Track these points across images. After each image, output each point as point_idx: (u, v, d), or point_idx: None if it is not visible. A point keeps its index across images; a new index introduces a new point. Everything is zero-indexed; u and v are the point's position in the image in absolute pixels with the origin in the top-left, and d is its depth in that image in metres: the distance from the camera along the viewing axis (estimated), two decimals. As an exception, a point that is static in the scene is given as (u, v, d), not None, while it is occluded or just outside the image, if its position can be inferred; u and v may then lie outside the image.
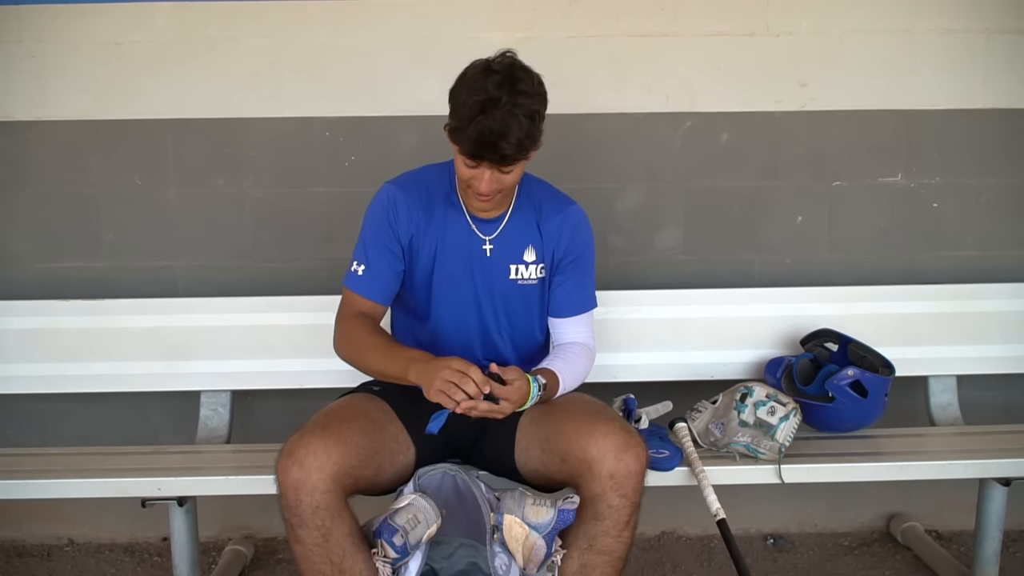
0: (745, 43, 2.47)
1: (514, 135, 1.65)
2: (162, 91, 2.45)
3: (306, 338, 2.38)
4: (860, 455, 2.10)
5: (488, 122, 1.64)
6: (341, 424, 1.72)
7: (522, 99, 1.66)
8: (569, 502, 1.67)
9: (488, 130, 1.64)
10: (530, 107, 1.67)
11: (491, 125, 1.64)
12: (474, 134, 1.65)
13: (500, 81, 1.66)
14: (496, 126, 1.64)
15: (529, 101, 1.67)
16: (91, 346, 2.38)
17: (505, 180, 1.75)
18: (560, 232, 1.94)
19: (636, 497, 1.71)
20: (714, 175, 2.53)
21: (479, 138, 1.65)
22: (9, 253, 2.51)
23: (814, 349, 2.26)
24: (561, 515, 1.65)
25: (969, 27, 2.47)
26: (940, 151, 2.54)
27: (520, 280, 1.93)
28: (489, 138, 1.65)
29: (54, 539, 2.65)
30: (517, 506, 1.65)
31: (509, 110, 1.64)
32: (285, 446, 1.67)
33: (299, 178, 2.50)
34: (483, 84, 1.66)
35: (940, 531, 2.65)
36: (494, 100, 1.64)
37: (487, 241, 1.91)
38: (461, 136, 1.68)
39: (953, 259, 2.56)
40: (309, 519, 1.62)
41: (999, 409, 2.55)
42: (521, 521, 1.64)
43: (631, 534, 1.74)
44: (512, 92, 1.65)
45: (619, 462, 1.68)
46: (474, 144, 1.67)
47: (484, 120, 1.64)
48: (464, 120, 1.66)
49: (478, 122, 1.64)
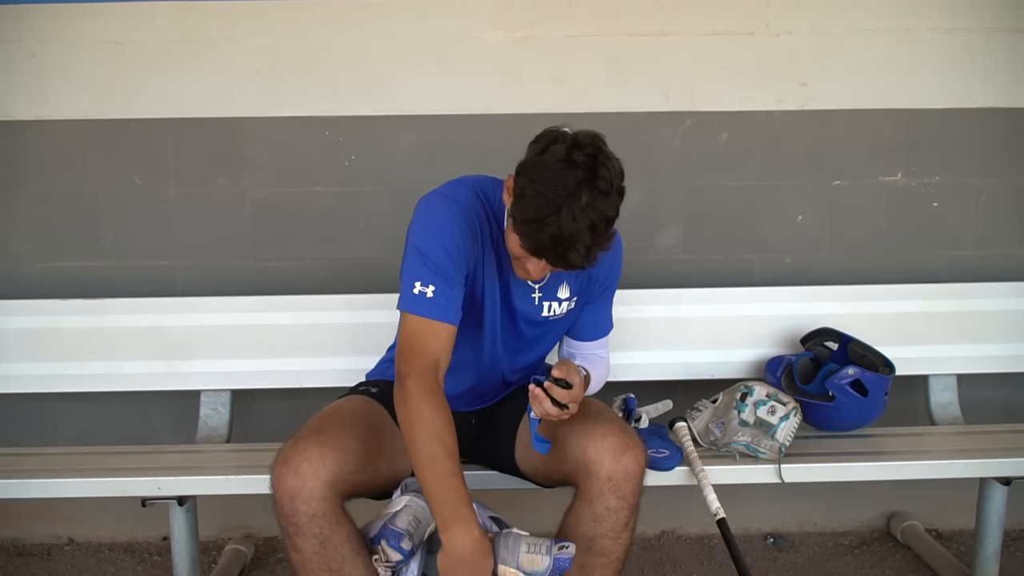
0: (745, 42, 2.47)
1: (584, 243, 1.50)
2: (162, 90, 2.45)
3: (306, 337, 2.38)
4: (860, 454, 2.10)
5: (560, 227, 1.47)
6: (337, 429, 1.69)
7: (601, 202, 1.49)
8: (565, 551, 1.63)
9: (558, 237, 1.49)
10: (607, 212, 1.51)
11: (562, 231, 1.48)
12: (543, 237, 1.50)
13: (582, 178, 1.49)
14: (568, 231, 1.48)
15: (606, 206, 1.51)
16: (91, 345, 2.38)
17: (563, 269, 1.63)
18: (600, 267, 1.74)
19: (634, 499, 1.70)
20: (714, 174, 2.53)
21: (547, 242, 1.50)
22: (9, 252, 2.51)
23: (814, 348, 2.26)
24: (557, 563, 1.61)
25: (969, 26, 2.47)
26: (940, 150, 2.54)
27: (551, 317, 1.86)
28: (557, 245, 1.50)
29: (54, 538, 2.65)
30: (511, 555, 1.61)
31: (585, 214, 1.48)
32: (280, 453, 1.63)
33: (299, 177, 2.50)
34: (562, 178, 1.49)
35: (940, 530, 2.65)
36: (572, 199, 1.47)
37: (536, 290, 1.81)
38: (525, 230, 1.52)
39: (953, 258, 2.56)
40: (306, 527, 1.59)
41: (999, 408, 2.55)
42: (516, 571, 1.61)
43: (630, 535, 1.74)
44: (592, 192, 1.49)
45: (617, 464, 1.67)
46: (539, 247, 1.52)
47: (556, 222, 1.47)
48: (531, 215, 1.50)
49: (547, 224, 1.48)
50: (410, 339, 1.63)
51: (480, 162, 2.48)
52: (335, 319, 2.38)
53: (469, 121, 2.47)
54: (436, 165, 2.49)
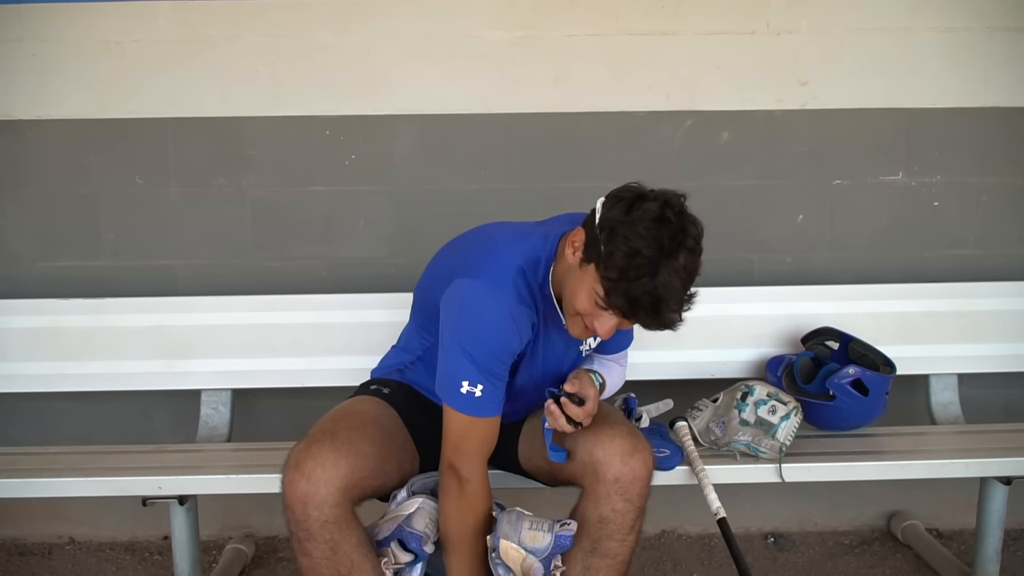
0: (745, 42, 2.47)
1: (676, 300, 1.50)
2: (163, 90, 2.45)
3: (306, 337, 2.38)
4: (861, 454, 2.10)
5: (656, 285, 1.47)
6: (351, 433, 1.67)
7: (692, 262, 1.51)
8: (566, 528, 1.64)
9: (654, 295, 1.48)
10: (695, 271, 1.53)
11: (659, 290, 1.47)
12: (638, 293, 1.48)
13: (674, 235, 1.50)
14: (664, 291, 1.48)
15: (696, 265, 1.53)
16: (92, 345, 2.38)
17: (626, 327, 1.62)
18: None
19: (641, 502, 1.70)
20: (715, 174, 2.53)
21: (642, 299, 1.49)
22: (10, 252, 2.51)
23: (815, 348, 2.26)
24: (558, 540, 1.63)
25: (969, 25, 2.47)
26: (941, 149, 2.54)
27: (585, 351, 1.88)
28: (653, 303, 1.49)
29: (55, 538, 2.65)
30: (513, 530, 1.63)
31: (679, 274, 1.49)
32: (291, 457, 1.61)
33: (299, 177, 2.50)
34: (656, 236, 1.49)
35: (941, 530, 2.65)
36: (668, 259, 1.48)
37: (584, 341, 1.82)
38: (616, 288, 1.50)
39: (954, 257, 2.56)
40: (317, 533, 1.58)
41: (1000, 408, 2.55)
42: (517, 546, 1.62)
43: (635, 538, 1.74)
44: (686, 252, 1.50)
45: (625, 466, 1.67)
46: (632, 304, 1.50)
47: (652, 283, 1.47)
48: (627, 274, 1.48)
49: (643, 283, 1.47)
50: (462, 436, 1.65)
51: (480, 162, 2.50)
52: (335, 318, 2.38)
53: (470, 120, 2.47)
54: (436, 165, 2.50)
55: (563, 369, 1.83)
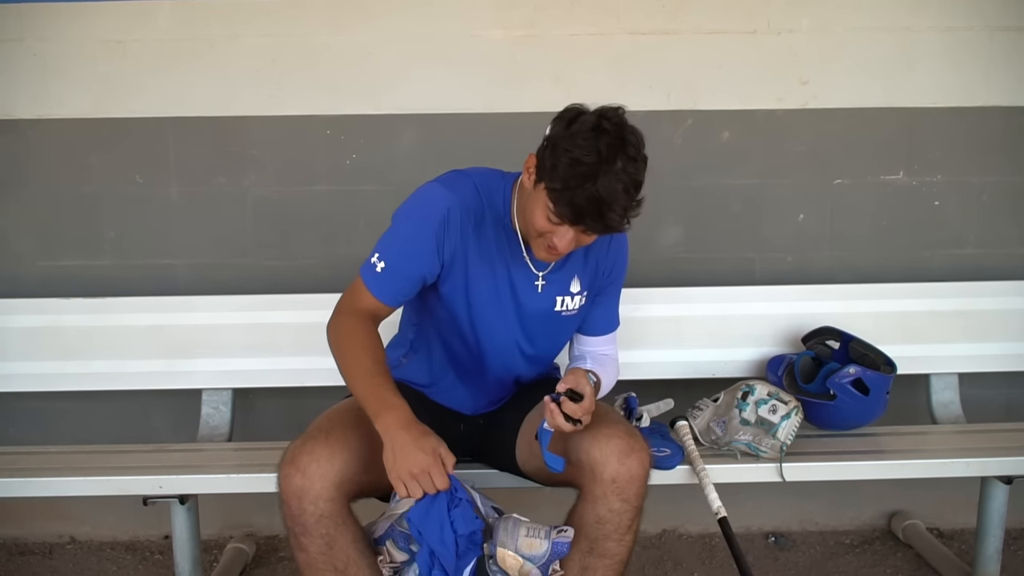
0: (746, 41, 2.47)
1: (621, 204, 1.56)
2: (163, 89, 2.45)
3: (307, 336, 2.36)
4: (861, 453, 2.10)
5: (597, 189, 1.53)
6: (345, 430, 1.68)
7: (632, 166, 1.56)
8: (563, 535, 1.64)
9: (596, 198, 1.53)
10: (637, 176, 1.58)
11: (600, 193, 1.53)
12: (581, 200, 1.54)
13: (611, 143, 1.55)
14: (605, 194, 1.53)
15: (636, 170, 1.58)
16: (92, 344, 2.38)
17: (587, 241, 1.68)
18: (607, 258, 1.88)
19: (638, 501, 1.70)
20: (715, 173, 2.53)
21: (585, 205, 1.55)
22: (11, 251, 2.51)
23: (815, 347, 2.26)
24: (555, 547, 1.62)
25: (970, 24, 2.47)
26: (941, 149, 2.54)
27: (564, 312, 1.87)
28: (597, 207, 1.54)
29: (56, 537, 2.65)
30: (510, 538, 1.61)
31: (619, 177, 1.54)
32: (287, 453, 1.63)
33: (300, 176, 2.50)
34: (594, 144, 1.54)
35: (941, 529, 2.66)
36: (606, 164, 1.53)
37: (540, 277, 1.83)
38: (561, 198, 1.56)
39: (954, 257, 2.56)
40: (313, 528, 1.59)
41: (1001, 407, 2.56)
42: (515, 554, 1.61)
43: (633, 537, 1.73)
44: (624, 157, 1.55)
45: (622, 466, 1.66)
46: (577, 211, 1.56)
47: (593, 187, 1.53)
48: (569, 181, 1.54)
49: (586, 189, 1.53)
50: (349, 294, 1.78)
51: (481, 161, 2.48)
52: (336, 318, 2.38)
53: (470, 120, 2.47)
54: (437, 164, 2.48)
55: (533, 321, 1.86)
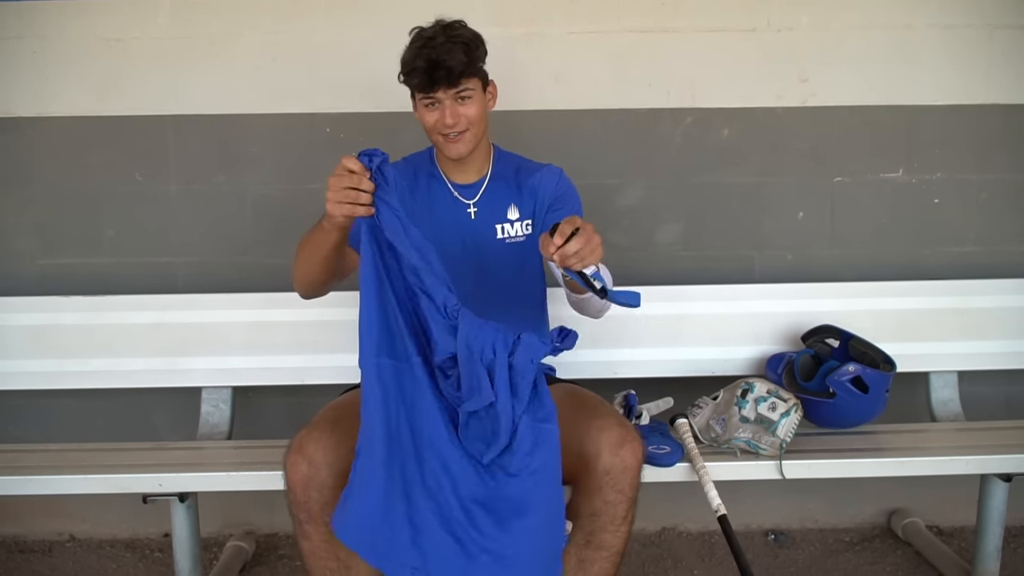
0: (746, 38, 2.47)
1: (456, 55, 1.76)
2: (163, 87, 2.45)
3: (307, 334, 2.38)
4: (861, 451, 2.10)
5: (429, 51, 1.76)
6: (350, 420, 1.69)
7: (456, 32, 1.79)
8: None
9: (431, 55, 1.75)
10: (465, 36, 1.80)
11: (433, 52, 1.76)
12: (421, 63, 1.76)
13: (434, 27, 1.81)
14: (437, 52, 1.76)
15: (462, 33, 1.80)
16: (92, 342, 2.38)
17: (467, 112, 1.83)
18: (541, 185, 1.98)
19: (632, 492, 1.71)
20: (715, 171, 2.53)
21: (426, 64, 1.76)
22: (10, 249, 2.51)
23: (815, 345, 2.26)
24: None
25: (970, 22, 2.47)
26: (941, 147, 2.54)
27: (508, 239, 1.95)
28: (435, 60, 1.75)
29: (55, 535, 2.66)
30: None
31: (446, 40, 1.77)
32: (294, 441, 1.65)
33: (300, 174, 2.50)
34: (418, 33, 1.82)
35: (941, 527, 2.66)
36: (431, 37, 1.78)
37: (471, 205, 1.95)
38: (412, 75, 1.79)
39: (954, 255, 2.56)
40: (318, 515, 1.62)
41: (1000, 405, 2.55)
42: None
43: (628, 528, 1.74)
44: (446, 29, 1.80)
45: (615, 457, 1.67)
46: (423, 73, 1.77)
47: (425, 50, 1.76)
48: (409, 61, 1.79)
49: (421, 53, 1.76)
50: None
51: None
52: (336, 316, 2.37)
53: (470, 118, 2.47)
54: (437, 162, 2.50)
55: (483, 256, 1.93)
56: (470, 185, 1.97)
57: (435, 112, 1.83)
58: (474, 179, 1.97)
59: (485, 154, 1.98)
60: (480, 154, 1.96)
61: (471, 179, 1.97)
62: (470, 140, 1.88)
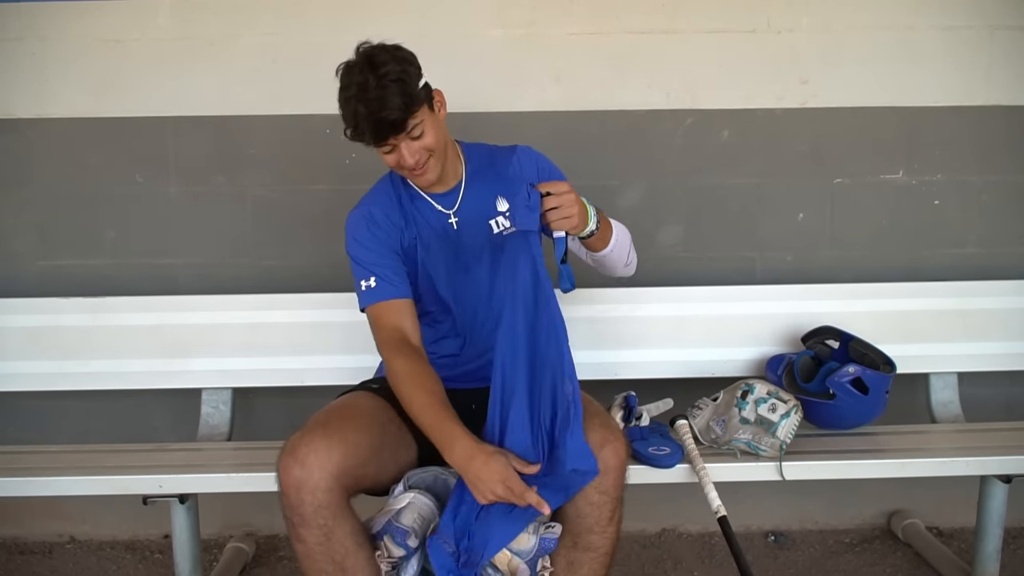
0: (746, 40, 2.47)
1: (394, 103, 1.70)
2: (163, 89, 2.45)
3: (307, 336, 2.38)
4: (861, 452, 2.10)
5: (365, 106, 1.70)
6: (343, 423, 1.71)
7: (383, 69, 1.71)
8: (551, 531, 1.66)
9: (368, 113, 1.70)
10: (395, 74, 1.72)
11: (370, 106, 1.69)
12: (363, 123, 1.71)
13: (360, 67, 1.72)
14: (374, 107, 1.69)
15: (391, 69, 1.72)
16: (92, 343, 2.38)
17: (423, 144, 1.78)
18: (522, 165, 1.96)
19: (617, 493, 1.70)
20: (715, 172, 2.53)
21: (367, 123, 1.71)
22: (10, 250, 2.51)
23: (815, 346, 2.26)
24: (543, 543, 1.64)
25: (971, 23, 2.47)
26: (942, 148, 2.53)
27: (505, 231, 1.92)
28: (375, 118, 1.70)
29: (55, 536, 2.66)
30: None
31: (377, 85, 1.70)
32: (286, 444, 1.66)
33: (300, 176, 2.50)
34: (347, 80, 1.73)
35: (941, 528, 2.66)
36: (362, 86, 1.70)
37: (451, 215, 1.93)
38: (357, 136, 1.74)
39: (955, 256, 2.56)
40: (311, 518, 1.61)
41: (1000, 406, 2.55)
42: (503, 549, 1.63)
43: (616, 529, 1.73)
44: (372, 70, 1.71)
45: (596, 459, 1.67)
46: (369, 131, 1.72)
47: (362, 107, 1.70)
48: (349, 119, 1.73)
49: (358, 112, 1.70)
50: (374, 327, 1.85)
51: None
52: (336, 317, 2.38)
53: (470, 119, 2.45)
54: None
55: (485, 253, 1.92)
56: (448, 193, 1.94)
57: (393, 154, 1.79)
58: (452, 184, 1.94)
59: (455, 158, 1.94)
60: (450, 162, 1.92)
61: (450, 185, 1.94)
62: (435, 166, 1.85)
